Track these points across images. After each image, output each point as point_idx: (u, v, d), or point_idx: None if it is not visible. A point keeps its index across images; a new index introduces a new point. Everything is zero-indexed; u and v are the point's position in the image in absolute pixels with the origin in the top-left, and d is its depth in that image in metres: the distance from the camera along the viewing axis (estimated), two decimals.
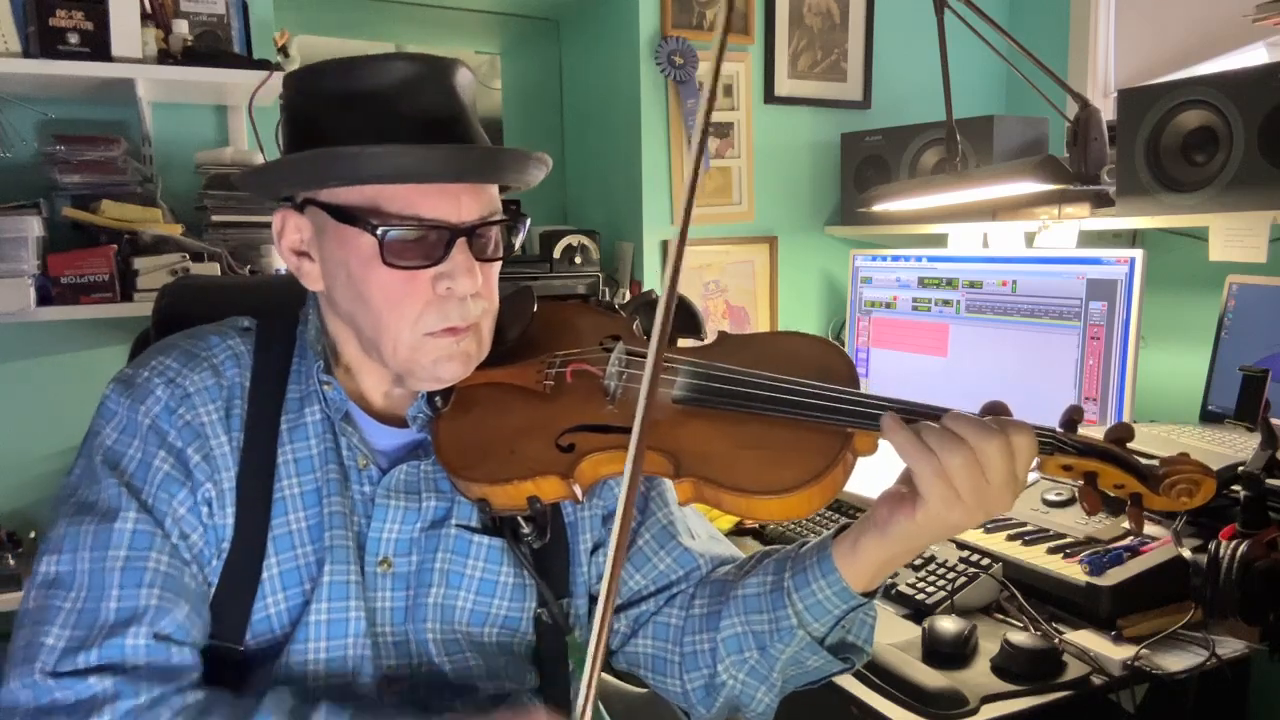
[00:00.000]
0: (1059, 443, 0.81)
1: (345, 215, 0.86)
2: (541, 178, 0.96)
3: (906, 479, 0.84)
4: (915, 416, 0.83)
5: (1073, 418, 0.84)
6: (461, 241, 0.87)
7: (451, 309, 0.89)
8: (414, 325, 0.89)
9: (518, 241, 0.96)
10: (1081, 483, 0.81)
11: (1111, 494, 0.81)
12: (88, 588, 0.83)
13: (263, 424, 0.93)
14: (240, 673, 0.91)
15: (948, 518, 0.80)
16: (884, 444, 0.85)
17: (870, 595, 0.91)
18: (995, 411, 0.83)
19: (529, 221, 0.97)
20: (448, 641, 0.96)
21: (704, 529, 1.10)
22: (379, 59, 0.87)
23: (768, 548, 1.03)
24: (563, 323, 1.05)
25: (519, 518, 0.95)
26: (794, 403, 0.87)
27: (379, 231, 0.85)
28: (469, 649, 0.97)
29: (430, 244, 0.87)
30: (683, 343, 2.01)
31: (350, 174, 0.85)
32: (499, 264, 0.95)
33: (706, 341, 1.02)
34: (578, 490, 0.89)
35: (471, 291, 0.89)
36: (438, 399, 0.97)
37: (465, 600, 0.97)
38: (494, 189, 0.93)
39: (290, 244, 0.94)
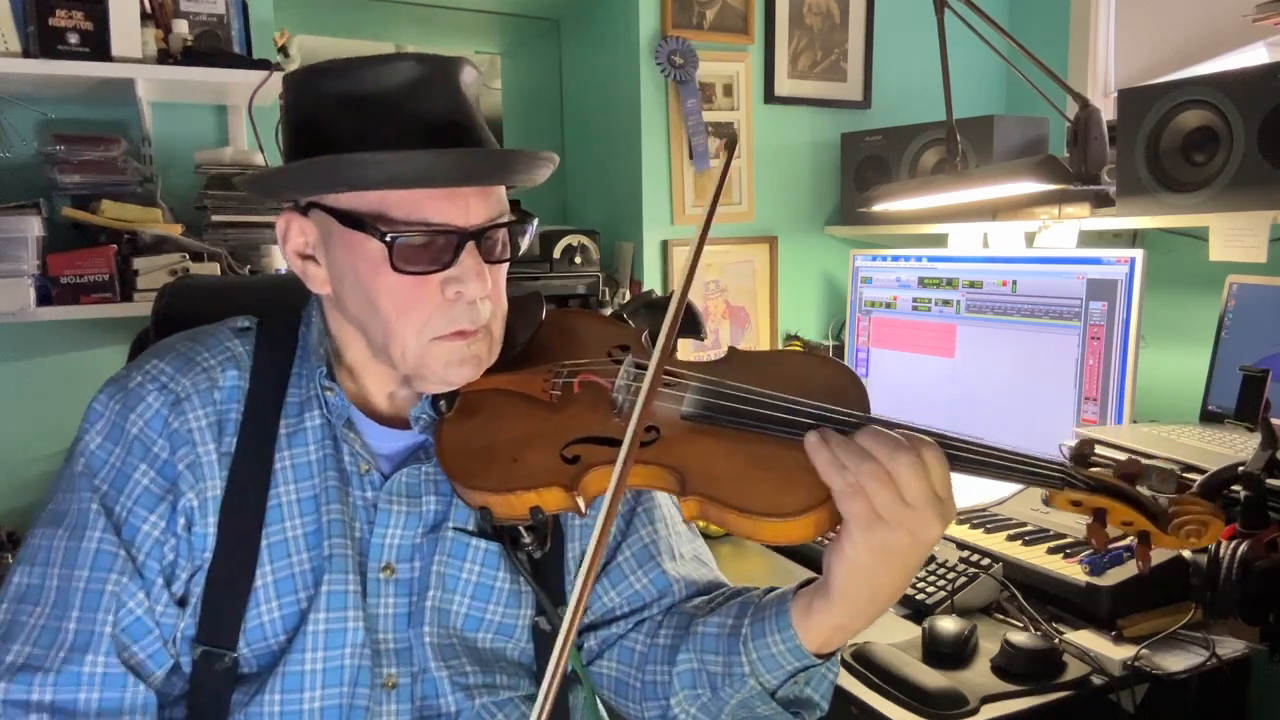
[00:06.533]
0: (1070, 478, 0.81)
1: (352, 220, 0.85)
2: (548, 175, 0.95)
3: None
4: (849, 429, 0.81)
5: (1083, 451, 0.82)
6: (470, 245, 0.86)
7: (461, 312, 0.88)
8: (422, 329, 0.88)
9: (525, 242, 0.95)
10: (1090, 519, 0.81)
11: (1119, 531, 0.81)
12: (53, 604, 0.84)
13: (260, 429, 0.92)
14: (237, 680, 0.90)
15: (875, 541, 0.77)
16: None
17: (826, 657, 0.88)
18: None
19: (536, 222, 0.96)
20: (444, 647, 0.95)
21: (690, 549, 1.07)
22: (382, 59, 0.85)
23: (740, 586, 1.01)
24: (571, 330, 1.04)
25: (520, 527, 0.94)
26: (804, 425, 0.84)
27: (387, 238, 0.84)
28: (465, 655, 0.96)
29: (438, 248, 0.86)
30: (683, 344, 2.00)
31: (356, 181, 0.83)
32: (507, 265, 0.94)
33: (705, 340, 1.01)
34: (581, 503, 0.88)
35: (481, 295, 0.88)
36: (442, 402, 0.95)
37: (460, 605, 0.96)
38: (501, 190, 0.91)
39: (295, 247, 0.92)
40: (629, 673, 0.99)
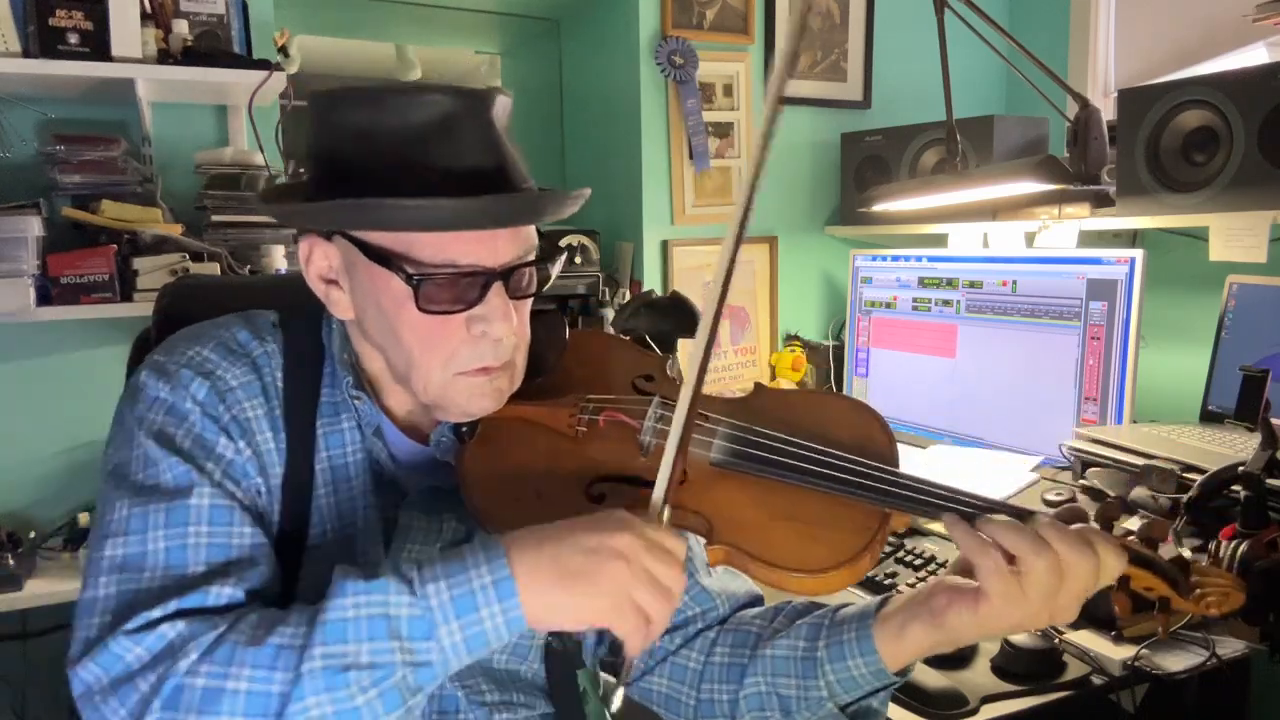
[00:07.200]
0: None
1: (377, 256, 0.83)
2: (578, 209, 0.93)
3: (965, 569, 0.82)
4: (972, 510, 0.81)
5: (1109, 515, 0.82)
6: (497, 285, 0.85)
7: (485, 349, 0.86)
8: (445, 365, 0.86)
9: (555, 272, 0.93)
10: (1114, 585, 0.81)
11: (1140, 594, 0.82)
12: (164, 565, 0.78)
13: (300, 428, 0.91)
14: None
15: (1009, 616, 0.78)
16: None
17: (903, 674, 0.88)
18: (1074, 518, 0.81)
19: (565, 256, 0.93)
20: None
21: None
22: (412, 92, 0.83)
23: (804, 603, 0.99)
24: (594, 357, 1.02)
25: None
26: (837, 479, 0.84)
27: (414, 280, 0.82)
28: (480, 675, 0.95)
29: (464, 287, 0.84)
30: (682, 346, 1.97)
31: (383, 223, 0.82)
32: (533, 297, 0.92)
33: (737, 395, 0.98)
34: None
35: (507, 334, 0.86)
36: (464, 428, 0.94)
37: None
38: (530, 226, 0.90)
39: (319, 271, 0.90)
40: (682, 690, 0.99)
